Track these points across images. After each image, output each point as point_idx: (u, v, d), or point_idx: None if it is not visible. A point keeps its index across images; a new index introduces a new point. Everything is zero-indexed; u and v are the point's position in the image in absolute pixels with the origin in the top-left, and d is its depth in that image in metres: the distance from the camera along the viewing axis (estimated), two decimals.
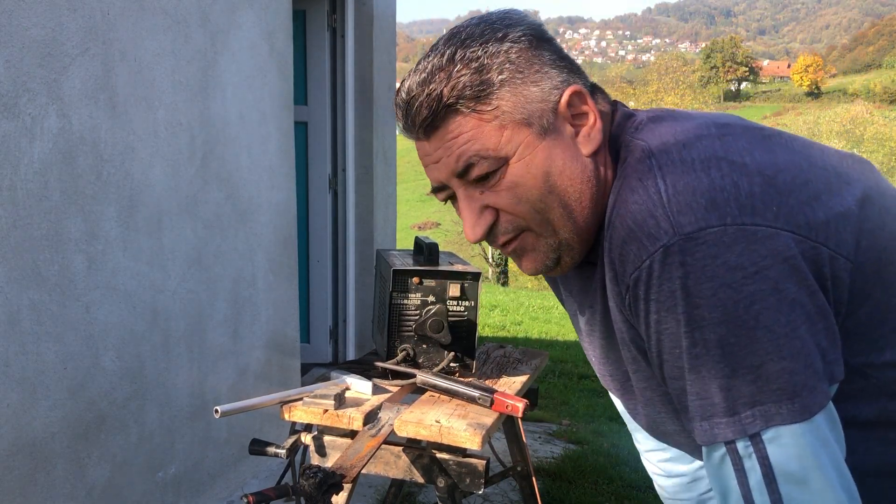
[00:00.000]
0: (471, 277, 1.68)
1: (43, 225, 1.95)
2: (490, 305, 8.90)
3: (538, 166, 0.88)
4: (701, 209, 0.78)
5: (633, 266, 0.82)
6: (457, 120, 0.87)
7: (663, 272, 0.79)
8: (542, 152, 0.88)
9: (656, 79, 38.87)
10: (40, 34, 1.93)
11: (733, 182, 0.80)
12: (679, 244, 0.78)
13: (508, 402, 1.50)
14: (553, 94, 0.89)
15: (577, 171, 0.89)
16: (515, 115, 0.87)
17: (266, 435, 2.92)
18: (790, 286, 0.77)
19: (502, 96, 0.87)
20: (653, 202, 0.81)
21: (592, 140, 0.90)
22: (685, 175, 0.81)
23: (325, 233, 4.25)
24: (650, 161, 0.85)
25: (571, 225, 0.91)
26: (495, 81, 0.86)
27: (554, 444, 3.70)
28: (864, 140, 30.10)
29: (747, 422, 0.78)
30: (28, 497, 1.93)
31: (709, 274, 0.77)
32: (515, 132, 0.87)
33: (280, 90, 3.06)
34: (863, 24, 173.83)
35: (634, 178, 0.85)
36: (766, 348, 0.77)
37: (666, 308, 0.80)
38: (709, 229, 0.77)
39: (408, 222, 29.91)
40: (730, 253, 0.77)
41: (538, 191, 0.88)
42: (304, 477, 1.17)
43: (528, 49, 0.88)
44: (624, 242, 0.83)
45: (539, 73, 0.88)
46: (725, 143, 0.85)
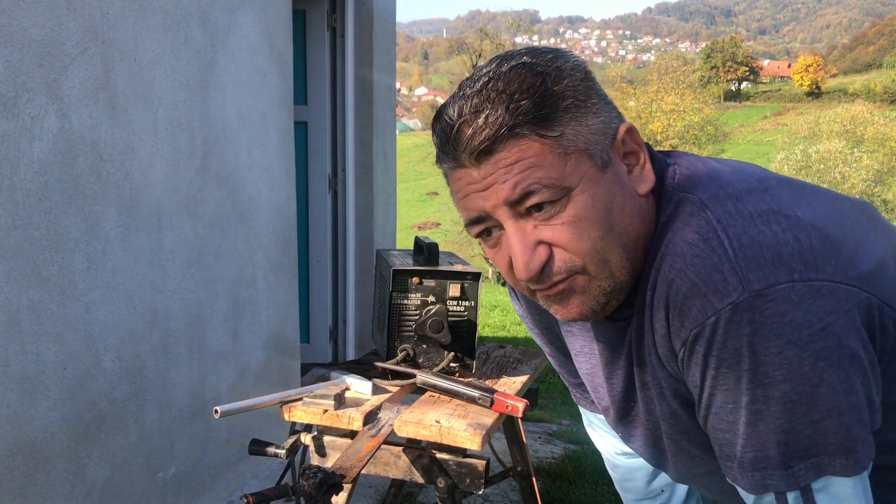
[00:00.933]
0: (471, 277, 1.68)
1: (43, 225, 1.95)
2: (490, 305, 8.90)
3: (601, 200, 0.83)
4: (769, 265, 0.77)
5: (695, 322, 0.80)
6: (517, 144, 0.81)
7: (730, 329, 0.77)
8: (603, 187, 0.83)
9: (656, 79, 38.82)
10: (40, 34, 1.93)
11: (794, 236, 0.79)
12: (748, 301, 0.76)
13: (508, 402, 1.50)
14: (610, 129, 0.86)
15: (636, 210, 0.86)
16: (580, 144, 0.82)
17: (266, 435, 2.92)
18: (851, 341, 0.78)
19: (567, 123, 0.82)
20: (718, 256, 0.79)
21: (646, 180, 0.88)
22: (748, 229, 0.79)
23: (325, 233, 4.25)
24: (706, 213, 0.82)
25: (628, 267, 0.87)
26: (560, 107, 0.82)
27: (554, 444, 3.70)
28: (865, 140, 30.08)
29: (800, 474, 0.79)
30: (28, 497, 1.93)
31: (777, 332, 0.76)
32: (579, 162, 0.82)
33: (280, 90, 3.06)
34: (863, 23, 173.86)
35: (690, 231, 0.82)
36: (826, 405, 0.77)
37: (727, 364, 0.79)
38: (777, 286, 0.76)
39: (408, 222, 29.91)
40: (797, 310, 0.76)
41: (600, 228, 0.83)
42: (303, 477, 1.17)
43: (583, 80, 0.85)
44: (686, 297, 0.80)
45: (598, 105, 0.85)
46: (774, 197, 0.83)
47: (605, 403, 1.07)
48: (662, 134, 34.94)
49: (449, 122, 0.84)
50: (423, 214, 35.44)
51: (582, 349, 1.07)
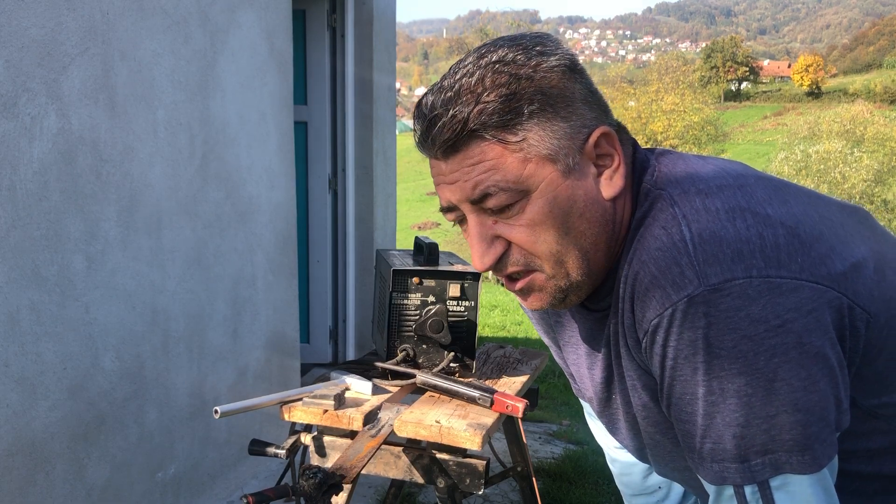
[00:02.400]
0: (471, 277, 1.68)
1: (42, 225, 1.95)
2: (490, 305, 8.90)
3: (559, 205, 0.85)
4: (727, 260, 0.78)
5: (654, 312, 0.81)
6: (480, 146, 0.84)
7: (685, 321, 0.79)
8: (564, 192, 0.85)
9: (656, 79, 38.82)
10: (40, 34, 1.93)
11: (758, 233, 0.80)
12: (703, 295, 0.78)
13: (508, 403, 1.49)
14: (581, 133, 0.86)
15: (597, 215, 0.87)
16: (541, 150, 0.83)
17: (266, 435, 2.92)
18: (814, 339, 0.78)
19: (530, 128, 0.83)
20: (678, 250, 0.80)
21: (614, 184, 0.88)
22: (711, 224, 0.81)
23: (325, 233, 4.25)
24: (674, 209, 0.84)
25: (585, 268, 0.89)
26: (525, 112, 0.83)
27: (554, 444, 3.70)
28: (865, 140, 30.08)
29: (757, 469, 0.79)
30: (28, 497, 1.93)
31: (731, 325, 0.77)
32: (539, 167, 0.84)
33: (280, 90, 3.06)
34: (863, 23, 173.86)
35: (658, 226, 0.84)
36: (782, 400, 0.77)
37: (684, 356, 0.80)
38: (734, 281, 0.77)
39: (408, 222, 29.92)
40: (754, 305, 0.77)
41: (556, 231, 0.86)
42: (303, 477, 1.17)
43: (560, 81, 0.85)
44: (647, 289, 0.82)
45: (569, 109, 0.85)
46: (746, 194, 0.84)
47: (589, 394, 1.09)
48: (663, 134, 34.93)
49: (423, 113, 0.86)
50: (423, 214, 35.43)
51: (570, 340, 1.08)
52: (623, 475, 1.34)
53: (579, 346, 1.06)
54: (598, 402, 1.06)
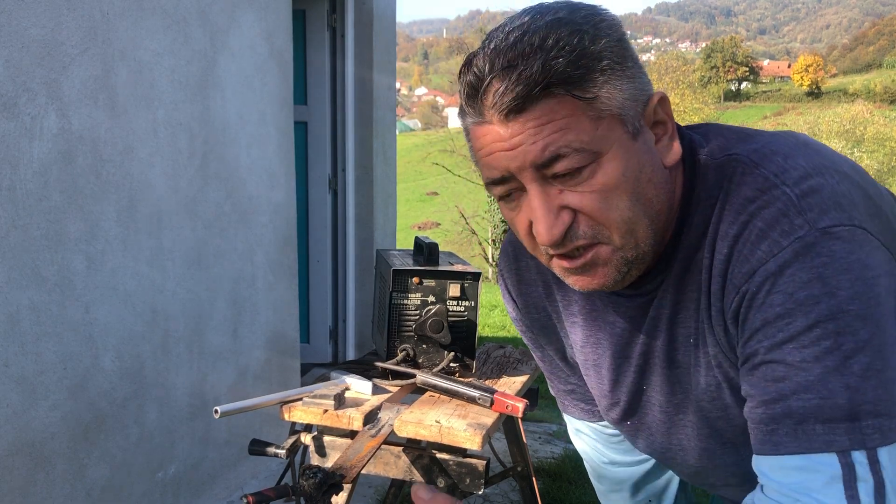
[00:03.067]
0: (471, 277, 1.68)
1: (42, 225, 1.95)
2: (490, 305, 8.89)
3: (631, 169, 0.80)
4: (831, 209, 0.77)
5: (760, 261, 0.77)
6: (550, 104, 0.77)
7: (799, 261, 0.75)
8: (634, 155, 0.80)
9: (656, 79, 38.79)
10: (40, 34, 1.93)
11: (848, 188, 0.79)
12: (815, 236, 0.75)
13: (508, 403, 1.49)
14: (643, 95, 0.82)
15: (662, 182, 0.84)
16: (613, 109, 0.78)
17: (266, 435, 2.92)
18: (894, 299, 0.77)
19: (602, 85, 0.78)
20: (782, 202, 0.78)
21: (674, 151, 0.85)
22: (806, 179, 0.79)
23: (325, 233, 4.25)
24: (760, 170, 0.81)
25: (652, 238, 0.84)
26: (596, 68, 0.77)
27: (554, 444, 3.70)
28: (865, 140, 30.08)
29: (867, 432, 0.72)
30: (28, 497, 1.93)
31: (846, 267, 0.74)
32: (612, 127, 0.79)
33: (280, 90, 3.06)
34: (863, 23, 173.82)
35: (748, 188, 0.81)
36: (892, 352, 0.74)
37: (795, 299, 0.75)
38: (842, 227, 0.76)
39: (408, 222, 29.90)
40: (861, 252, 0.75)
41: (629, 197, 0.80)
42: (303, 477, 1.17)
43: (620, 41, 0.81)
44: (753, 244, 0.78)
45: (633, 69, 0.81)
46: (817, 152, 0.83)
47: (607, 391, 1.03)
48: None
49: (478, 75, 0.79)
50: (423, 214, 35.43)
51: (587, 340, 1.02)
52: (612, 492, 1.30)
53: (601, 344, 1.01)
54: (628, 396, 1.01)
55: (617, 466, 1.27)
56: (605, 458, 1.28)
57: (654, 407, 0.99)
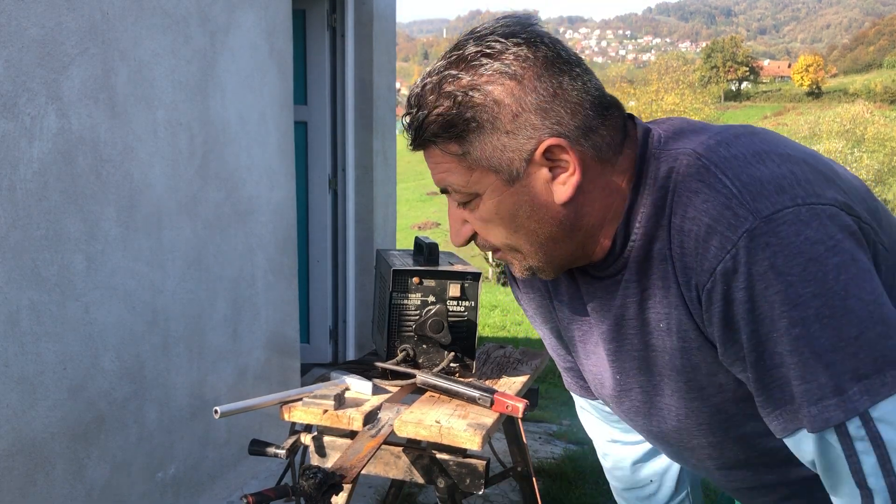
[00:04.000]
0: (471, 277, 1.68)
1: (42, 225, 1.95)
2: (490, 305, 8.89)
3: (505, 209, 0.91)
4: (772, 194, 0.81)
5: (716, 259, 0.82)
6: (435, 150, 0.91)
7: (751, 255, 0.79)
8: (509, 198, 0.90)
9: (656, 79, 38.81)
10: (40, 34, 1.93)
11: (790, 170, 0.83)
12: (761, 227, 0.79)
13: (508, 403, 1.50)
14: (528, 144, 0.88)
15: (547, 218, 0.91)
16: (482, 162, 0.89)
17: (266, 435, 2.92)
18: (862, 257, 0.81)
19: (472, 141, 0.88)
20: (724, 196, 0.82)
21: (566, 189, 0.90)
22: (745, 168, 0.84)
23: (325, 233, 4.25)
24: (702, 161, 0.86)
25: (542, 255, 0.94)
26: (470, 126, 0.87)
27: (554, 444, 3.70)
28: (865, 140, 30.07)
29: (855, 399, 0.78)
30: (28, 497, 1.93)
31: (795, 250, 0.78)
32: (483, 176, 0.90)
33: (280, 90, 3.06)
34: (863, 23, 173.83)
35: (692, 181, 0.86)
36: (860, 316, 0.78)
37: (758, 292, 0.80)
38: (784, 210, 0.80)
39: (408, 222, 29.89)
40: (808, 229, 0.79)
41: (505, 229, 0.93)
42: (303, 477, 1.17)
43: (517, 85, 0.87)
44: (703, 240, 0.83)
45: (518, 121, 0.87)
46: (761, 139, 0.88)
47: (597, 371, 1.07)
48: None
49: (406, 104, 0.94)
50: (423, 214, 35.41)
51: (572, 318, 1.07)
52: (615, 469, 1.33)
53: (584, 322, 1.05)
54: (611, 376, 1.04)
55: (618, 444, 1.30)
56: (606, 436, 1.31)
57: (633, 388, 1.03)
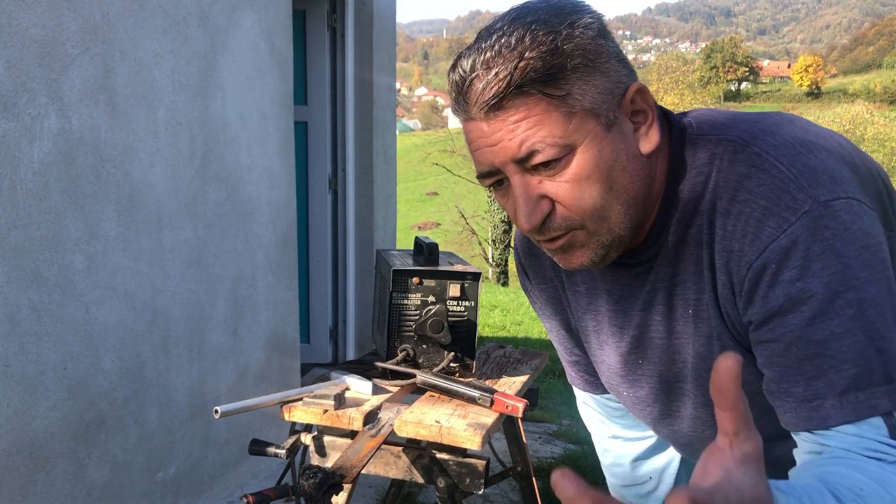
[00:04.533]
0: (471, 277, 1.68)
1: (43, 225, 1.95)
2: (490, 305, 8.89)
3: (604, 159, 0.85)
4: (828, 183, 0.81)
5: (770, 238, 0.81)
6: (524, 102, 0.83)
7: (811, 236, 0.79)
8: (608, 145, 0.85)
9: (656, 79, 38.80)
10: (40, 34, 1.93)
11: (836, 164, 0.84)
12: (820, 210, 0.79)
13: (508, 403, 1.50)
14: (619, 88, 0.87)
15: (638, 169, 0.88)
16: (585, 104, 0.84)
17: (266, 435, 2.92)
18: None
19: (573, 82, 0.83)
20: (780, 180, 0.82)
21: (651, 139, 0.89)
22: (798, 156, 0.83)
23: (325, 233, 4.25)
24: (752, 147, 0.85)
25: (628, 222, 0.89)
26: (567, 66, 0.83)
27: (554, 444, 3.70)
28: (865, 140, 30.06)
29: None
30: (28, 497, 1.93)
31: (852, 236, 0.79)
32: (584, 121, 0.84)
33: (280, 90, 3.06)
34: (863, 24, 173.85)
35: (741, 166, 0.85)
36: None
37: (814, 271, 0.79)
38: (840, 199, 0.80)
39: (408, 222, 29.89)
40: (861, 221, 0.80)
41: (602, 186, 0.86)
42: (304, 477, 1.17)
43: (595, 38, 0.85)
44: (759, 220, 0.82)
45: (607, 64, 0.86)
46: (802, 129, 0.88)
47: (611, 362, 1.06)
48: None
49: (462, 76, 0.86)
50: (423, 214, 35.42)
51: (588, 307, 1.06)
52: (615, 465, 1.33)
53: (600, 312, 1.04)
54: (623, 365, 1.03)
55: (619, 440, 1.30)
56: (607, 432, 1.31)
57: (651, 376, 1.02)
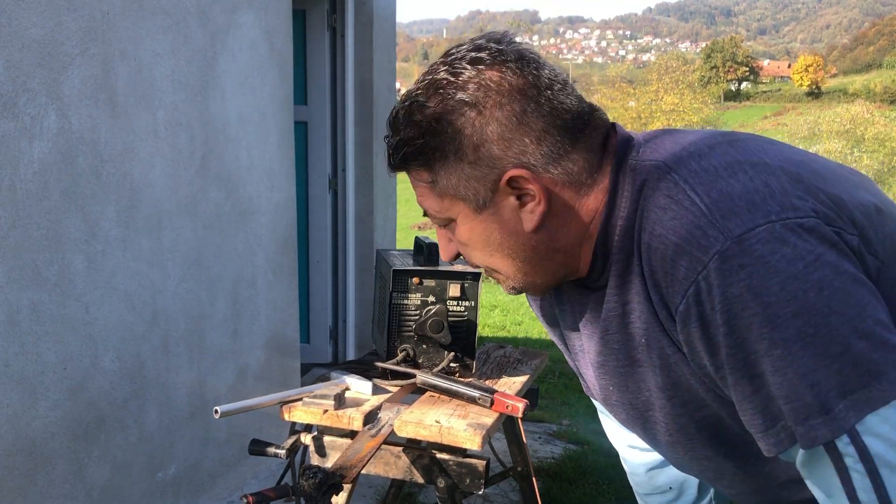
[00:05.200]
0: (471, 277, 1.68)
1: (42, 225, 1.95)
2: (490, 305, 8.89)
3: (478, 235, 0.93)
4: (743, 212, 0.78)
5: (686, 281, 0.79)
6: (413, 171, 0.94)
7: (724, 278, 0.77)
8: (479, 225, 0.92)
9: (656, 79, 38.75)
10: (40, 34, 1.93)
11: (764, 182, 0.80)
12: (733, 248, 0.77)
13: (508, 403, 1.50)
14: (492, 174, 0.89)
15: (520, 243, 0.92)
16: (449, 191, 0.91)
17: (266, 435, 2.92)
18: (847, 266, 0.78)
19: (439, 169, 0.90)
20: (692, 214, 0.80)
21: (533, 218, 0.90)
22: (715, 183, 0.81)
23: (325, 233, 4.25)
24: (672, 176, 0.84)
25: (521, 277, 0.96)
26: (437, 154, 0.89)
27: (554, 444, 3.70)
28: (865, 140, 30.04)
29: (842, 416, 0.76)
30: (28, 497, 1.93)
31: (771, 270, 0.76)
32: (452, 203, 0.92)
33: (280, 90, 3.06)
34: (863, 24, 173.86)
35: (660, 196, 0.84)
36: (843, 332, 0.76)
37: (734, 315, 0.77)
38: (758, 228, 0.77)
39: (408, 222, 29.88)
40: (785, 247, 0.76)
41: (482, 253, 0.95)
42: (303, 477, 1.17)
43: (478, 116, 0.87)
44: (672, 260, 0.81)
45: (478, 152, 0.88)
46: (738, 148, 0.85)
47: (592, 383, 1.07)
48: None
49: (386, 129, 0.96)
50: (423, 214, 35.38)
51: (573, 327, 1.06)
52: (633, 474, 1.33)
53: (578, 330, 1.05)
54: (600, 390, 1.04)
55: (635, 450, 1.30)
56: (624, 441, 1.31)
57: (624, 404, 1.02)
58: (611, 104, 36.49)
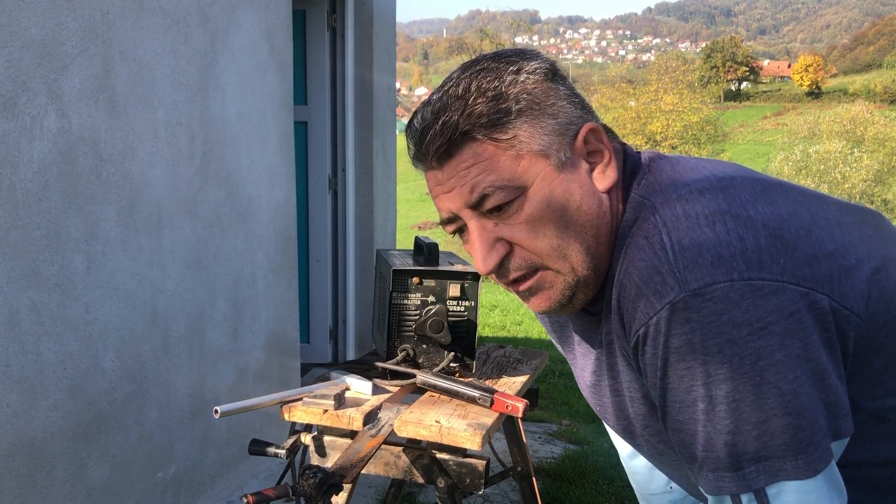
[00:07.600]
0: (471, 277, 1.68)
1: (42, 225, 1.95)
2: (490, 305, 8.89)
3: (557, 199, 0.86)
4: (707, 265, 0.78)
5: (640, 323, 0.82)
6: (472, 148, 0.85)
7: (669, 329, 0.79)
8: (560, 185, 0.86)
9: (656, 79, 38.73)
10: (40, 34, 1.93)
11: (739, 236, 0.79)
12: (685, 301, 0.78)
13: (508, 403, 1.49)
14: (570, 129, 0.88)
15: (594, 207, 0.89)
16: (533, 146, 0.86)
17: (266, 435, 2.92)
18: (796, 342, 0.77)
19: (520, 126, 0.85)
20: (658, 259, 0.81)
21: (608, 177, 0.90)
22: (690, 230, 0.81)
23: (325, 233, 4.25)
24: (655, 218, 0.85)
25: (589, 261, 0.89)
26: (513, 110, 0.85)
27: (554, 444, 3.70)
28: (865, 140, 30.04)
29: (751, 477, 0.79)
30: (28, 497, 1.93)
31: (714, 330, 0.77)
32: (533, 163, 0.86)
33: (280, 90, 3.06)
34: (863, 23, 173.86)
35: (640, 236, 0.85)
36: (771, 404, 0.77)
37: (672, 364, 0.80)
38: (715, 285, 0.77)
39: (408, 222, 29.89)
40: (736, 309, 0.76)
41: (556, 225, 0.87)
42: (304, 477, 1.17)
43: (543, 81, 0.88)
44: (633, 300, 0.83)
45: (555, 107, 0.88)
46: (728, 196, 0.84)
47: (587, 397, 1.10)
48: (661, 134, 34.88)
49: (416, 127, 0.89)
50: (423, 214, 35.42)
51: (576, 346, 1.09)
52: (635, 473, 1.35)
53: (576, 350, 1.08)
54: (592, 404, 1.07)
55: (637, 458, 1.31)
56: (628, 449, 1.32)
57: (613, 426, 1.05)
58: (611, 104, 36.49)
